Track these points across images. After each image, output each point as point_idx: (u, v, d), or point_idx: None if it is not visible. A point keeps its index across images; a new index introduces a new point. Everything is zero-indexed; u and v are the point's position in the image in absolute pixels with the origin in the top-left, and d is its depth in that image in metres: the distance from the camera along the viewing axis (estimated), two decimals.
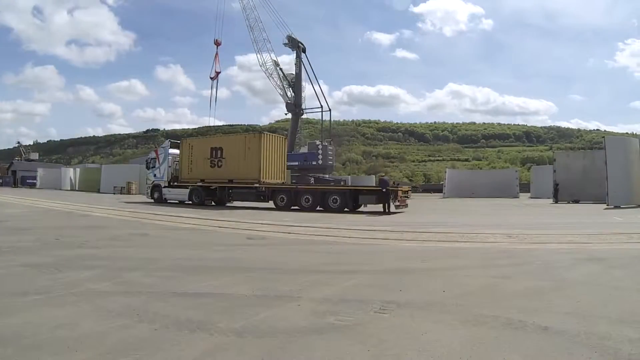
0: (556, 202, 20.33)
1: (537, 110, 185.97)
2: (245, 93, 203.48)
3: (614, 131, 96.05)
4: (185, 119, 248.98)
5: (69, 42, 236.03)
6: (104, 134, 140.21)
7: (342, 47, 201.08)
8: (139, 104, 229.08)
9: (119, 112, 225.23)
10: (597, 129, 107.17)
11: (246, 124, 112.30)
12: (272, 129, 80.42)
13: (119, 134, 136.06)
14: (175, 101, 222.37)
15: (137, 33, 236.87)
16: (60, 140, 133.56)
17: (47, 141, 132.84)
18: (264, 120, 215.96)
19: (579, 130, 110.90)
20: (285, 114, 44.00)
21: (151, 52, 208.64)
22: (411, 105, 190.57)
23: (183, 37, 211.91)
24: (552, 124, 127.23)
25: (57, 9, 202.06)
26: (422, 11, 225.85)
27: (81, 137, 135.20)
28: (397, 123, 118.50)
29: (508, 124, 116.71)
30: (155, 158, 19.95)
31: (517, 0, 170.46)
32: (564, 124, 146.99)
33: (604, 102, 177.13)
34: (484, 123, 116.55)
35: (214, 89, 39.29)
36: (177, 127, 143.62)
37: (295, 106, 40.08)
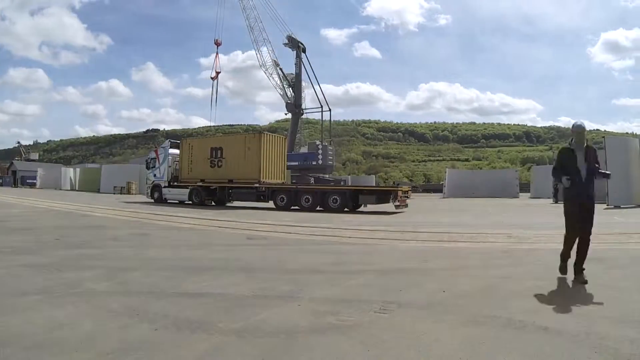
0: (556, 202, 20.31)
1: (527, 109, 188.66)
2: (226, 93, 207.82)
3: (608, 130, 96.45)
4: (171, 119, 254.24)
5: (42, 44, 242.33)
6: (103, 134, 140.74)
7: (320, 50, 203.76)
8: (125, 105, 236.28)
9: (104, 113, 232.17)
10: (597, 129, 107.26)
11: (242, 124, 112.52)
12: (272, 129, 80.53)
13: (119, 134, 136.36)
14: (158, 102, 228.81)
15: (111, 36, 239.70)
16: (60, 140, 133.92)
17: (47, 141, 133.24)
18: (248, 121, 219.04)
19: None
20: (285, 114, 44.08)
21: (133, 55, 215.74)
22: (392, 105, 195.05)
23: (161, 40, 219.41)
24: (543, 123, 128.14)
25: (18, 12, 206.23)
26: (397, 9, 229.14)
27: (81, 137, 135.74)
28: (397, 123, 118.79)
29: (508, 124, 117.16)
30: (155, 158, 19.97)
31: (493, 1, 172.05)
32: (551, 123, 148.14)
33: (589, 100, 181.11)
34: (484, 123, 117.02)
35: (215, 89, 39.41)
36: (167, 127, 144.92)
37: (295, 106, 40.10)
